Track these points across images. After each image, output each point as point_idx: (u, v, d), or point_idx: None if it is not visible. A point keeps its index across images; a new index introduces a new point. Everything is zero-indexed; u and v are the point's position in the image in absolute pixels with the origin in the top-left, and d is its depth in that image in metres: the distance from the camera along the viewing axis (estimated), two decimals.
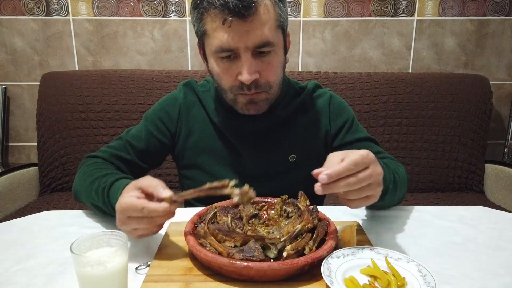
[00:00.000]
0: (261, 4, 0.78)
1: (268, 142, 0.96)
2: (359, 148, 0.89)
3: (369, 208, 0.94)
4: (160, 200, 0.66)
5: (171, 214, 0.67)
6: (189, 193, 0.67)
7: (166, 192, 0.66)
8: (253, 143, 0.96)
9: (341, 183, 0.61)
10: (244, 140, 0.96)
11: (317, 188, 0.62)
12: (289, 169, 0.97)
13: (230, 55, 0.81)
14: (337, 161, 0.63)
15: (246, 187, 0.66)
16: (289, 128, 0.97)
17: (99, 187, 0.81)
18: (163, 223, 0.69)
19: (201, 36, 0.84)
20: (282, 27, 0.85)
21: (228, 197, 0.83)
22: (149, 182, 0.68)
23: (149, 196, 0.67)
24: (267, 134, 0.96)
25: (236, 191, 0.66)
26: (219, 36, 0.79)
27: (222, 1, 0.75)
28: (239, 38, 0.78)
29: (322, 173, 0.61)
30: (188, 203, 1.08)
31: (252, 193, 0.66)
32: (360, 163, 0.62)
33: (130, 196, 0.67)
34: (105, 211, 0.81)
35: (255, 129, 0.95)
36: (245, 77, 0.80)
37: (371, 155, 0.65)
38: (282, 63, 0.88)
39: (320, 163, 0.79)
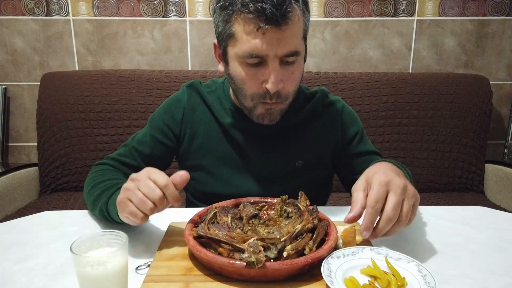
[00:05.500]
0: (294, 13, 0.76)
1: (276, 146, 0.95)
2: (365, 162, 0.91)
3: None
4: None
5: (175, 201, 0.68)
6: (210, 234, 0.65)
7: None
8: (261, 145, 0.95)
9: (380, 224, 0.65)
10: (252, 142, 0.95)
11: (369, 236, 0.67)
12: (294, 174, 0.97)
13: (257, 61, 0.79)
14: (361, 199, 0.67)
15: (260, 249, 0.60)
16: (298, 134, 0.97)
17: (101, 201, 0.81)
18: (152, 213, 0.67)
19: (226, 38, 0.82)
20: (305, 36, 0.84)
21: (227, 197, 0.84)
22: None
23: None
24: (276, 138, 0.95)
25: (250, 249, 0.59)
26: (250, 42, 0.77)
27: (258, 7, 0.73)
28: (271, 46, 0.76)
29: (361, 231, 0.66)
30: (188, 203, 1.08)
31: (262, 256, 0.59)
32: (380, 197, 0.66)
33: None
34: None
35: (265, 132, 0.94)
36: (271, 85, 0.79)
37: (382, 178, 0.68)
38: (302, 73, 0.87)
39: (326, 170, 0.79)
